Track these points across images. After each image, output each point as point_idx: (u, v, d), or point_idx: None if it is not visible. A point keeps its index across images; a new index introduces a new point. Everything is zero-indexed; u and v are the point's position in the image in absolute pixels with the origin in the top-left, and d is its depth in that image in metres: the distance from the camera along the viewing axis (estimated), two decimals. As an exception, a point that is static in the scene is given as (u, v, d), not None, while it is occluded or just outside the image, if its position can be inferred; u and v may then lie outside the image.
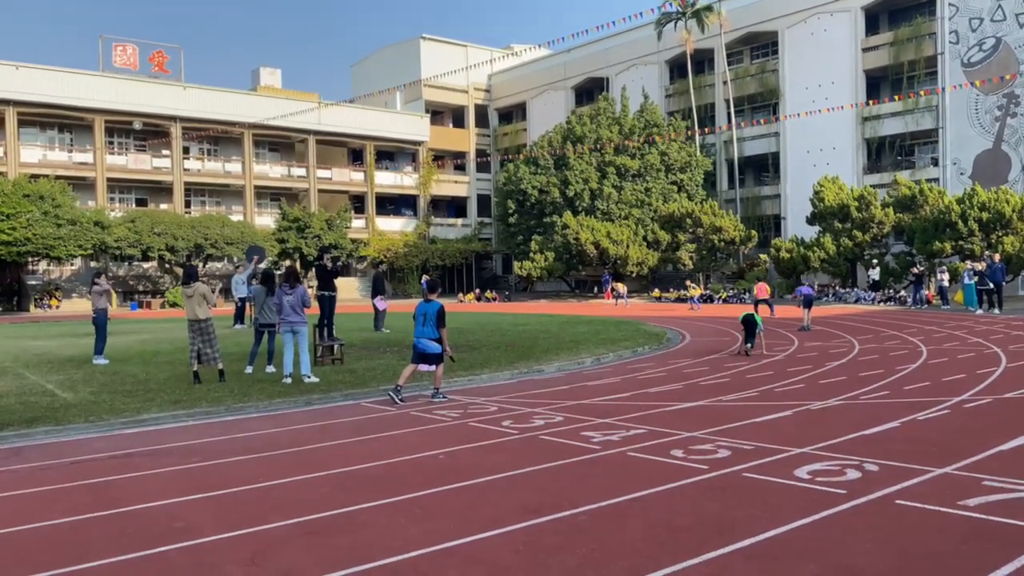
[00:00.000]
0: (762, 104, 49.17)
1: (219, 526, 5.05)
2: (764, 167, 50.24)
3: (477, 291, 52.00)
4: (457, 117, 64.93)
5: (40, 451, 7.59)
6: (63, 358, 15.69)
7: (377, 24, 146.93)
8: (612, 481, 5.99)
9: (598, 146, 47.42)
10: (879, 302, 32.91)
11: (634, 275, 45.73)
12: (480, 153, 63.87)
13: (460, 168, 63.79)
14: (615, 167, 47.86)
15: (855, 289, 36.51)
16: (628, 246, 45.07)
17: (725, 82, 48.70)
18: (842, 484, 5.68)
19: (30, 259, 42.35)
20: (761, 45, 49.65)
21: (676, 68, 53.21)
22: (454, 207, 64.41)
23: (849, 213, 36.69)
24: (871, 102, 41.93)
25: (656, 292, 43.90)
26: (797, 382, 11.13)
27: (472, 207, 63.49)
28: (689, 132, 48.00)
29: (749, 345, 14.54)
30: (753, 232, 43.98)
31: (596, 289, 48.86)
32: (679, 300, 39.61)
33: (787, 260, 38.90)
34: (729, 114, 48.44)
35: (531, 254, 48.85)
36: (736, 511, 5.14)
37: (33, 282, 44.71)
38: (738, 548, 4.43)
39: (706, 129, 49.43)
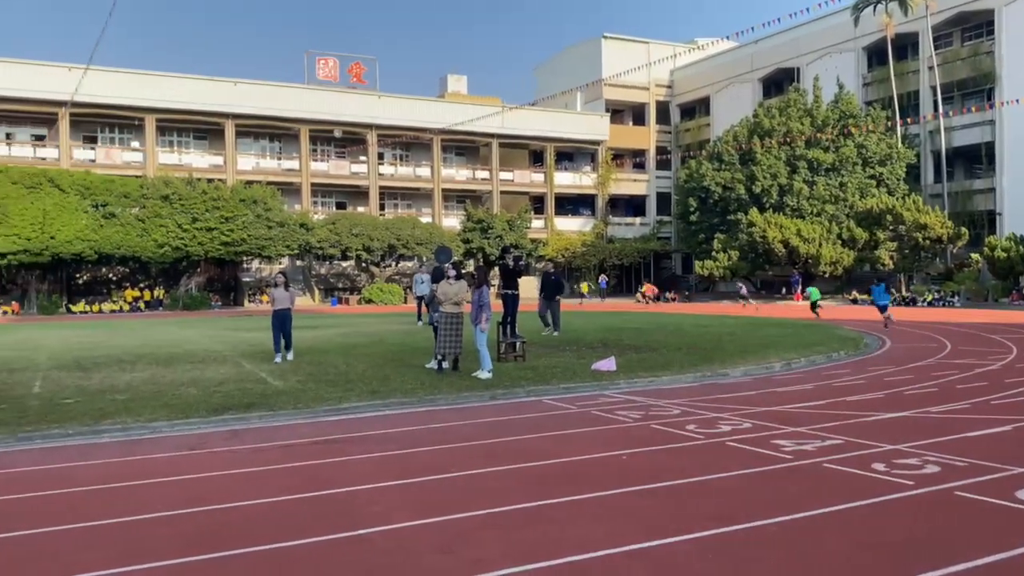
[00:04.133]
0: (975, 90, 44.92)
1: (414, 513, 5.30)
2: (976, 158, 45.85)
3: (656, 290, 51.25)
4: (637, 115, 64.30)
5: (255, 434, 8.31)
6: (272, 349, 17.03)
7: (560, 26, 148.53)
8: (807, 493, 5.69)
9: (788, 140, 45.29)
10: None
11: (827, 275, 43.25)
12: (660, 150, 62.91)
13: (639, 166, 63.15)
14: (806, 161, 45.52)
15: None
16: (820, 244, 42.72)
17: (931, 67, 44.93)
18: (1078, 511, 5.06)
19: (245, 258, 46.63)
20: (974, 26, 45.37)
21: (875, 55, 49.76)
22: (632, 206, 63.86)
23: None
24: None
25: (853, 294, 41.20)
26: (1017, 394, 10.06)
27: (651, 206, 62.67)
28: (889, 122, 44.72)
29: None
30: (963, 230, 40.27)
31: (784, 290, 46.66)
32: (853, 302, 37.48)
33: (1003, 260, 35.27)
34: (936, 102, 44.64)
35: (713, 253, 47.53)
36: (948, 533, 4.72)
37: (247, 279, 49.18)
38: (953, 573, 4.07)
39: (908, 119, 45.79)
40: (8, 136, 46.57)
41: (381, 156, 54.37)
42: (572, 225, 59.01)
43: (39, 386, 11.52)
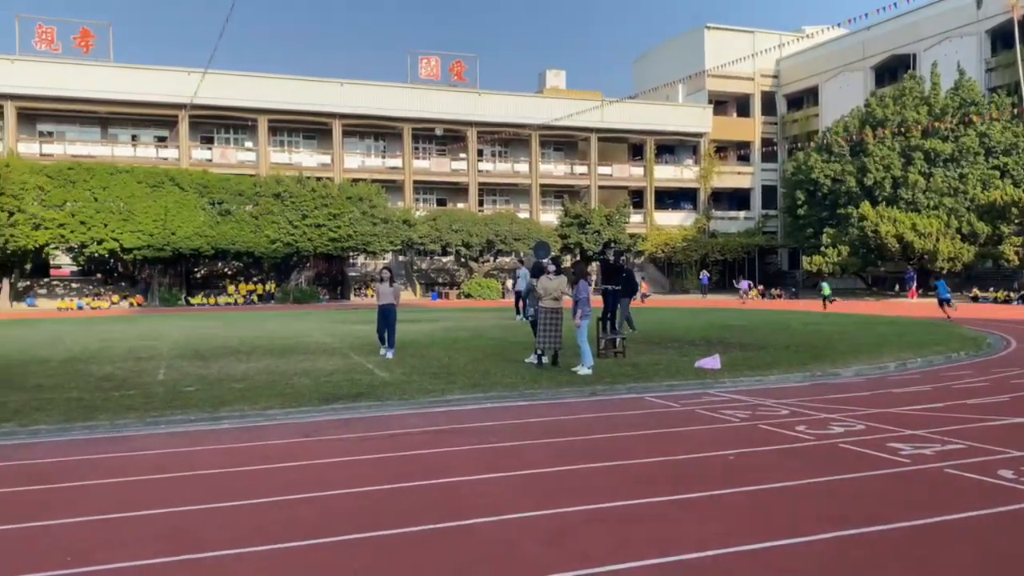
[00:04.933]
0: (1113, 72, 41.58)
1: (518, 505, 5.35)
2: (1116, 146, 42.46)
3: (761, 287, 49.85)
4: (741, 106, 62.60)
5: (364, 423, 8.57)
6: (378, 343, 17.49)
7: (661, 18, 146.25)
8: (927, 498, 5.43)
9: (902, 130, 43.17)
10: None
11: (944, 272, 41.02)
12: (766, 142, 61.05)
13: (744, 159, 61.50)
14: (923, 152, 43.27)
15: None
16: (938, 239, 40.57)
17: (1064, 49, 41.86)
18: None
19: (351, 253, 48.09)
20: (1114, 2, 41.97)
21: (1000, 38, 46.74)
22: (736, 199, 62.27)
23: None
24: None
25: (974, 292, 38.92)
26: None
27: (756, 199, 60.96)
28: (1016, 110, 41.95)
29: None
30: (1100, 223, 37.43)
31: (897, 287, 44.54)
32: (974, 300, 35.48)
33: None
34: (1070, 86, 41.58)
35: (822, 248, 45.84)
36: (1090, 548, 4.41)
37: (353, 274, 50.69)
38: (1095, 591, 3.80)
39: (1038, 105, 42.85)
40: (134, 138, 49.56)
41: (480, 153, 54.95)
42: (672, 219, 58.06)
43: (163, 374, 12.23)
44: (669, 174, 59.09)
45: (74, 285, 45.55)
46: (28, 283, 44.23)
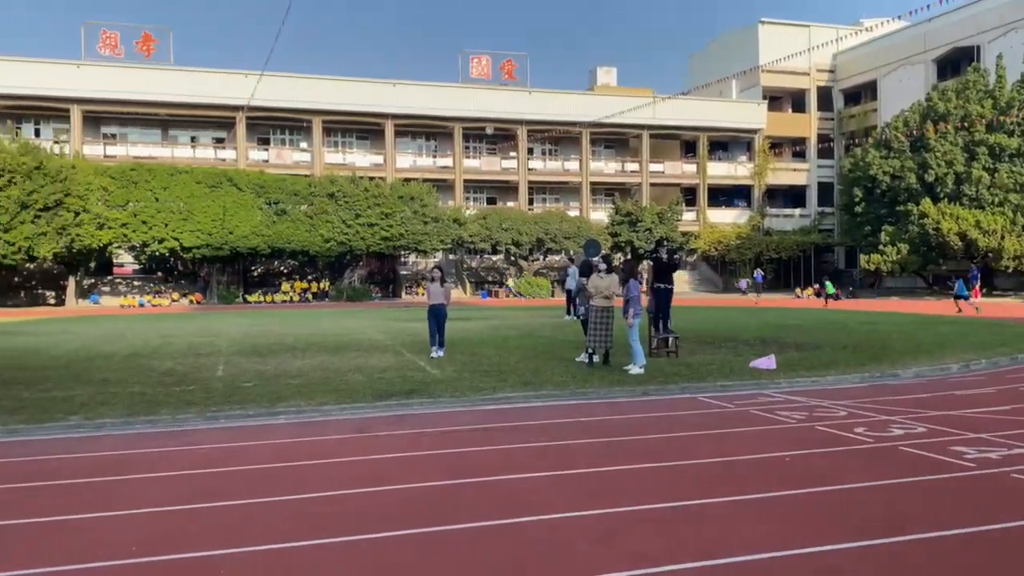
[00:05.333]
0: None
1: (569, 504, 5.35)
2: None
3: (816, 286, 48.87)
4: (797, 101, 61.42)
5: (417, 420, 8.65)
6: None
7: (714, 14, 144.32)
8: (993, 505, 5.26)
9: (965, 124, 41.87)
10: None
11: (1010, 271, 39.71)
12: (822, 138, 59.81)
13: (799, 155, 60.31)
14: (987, 147, 41.91)
15: None
16: (1003, 237, 39.28)
17: None
18: None
19: (402, 252, 48.60)
20: None
21: (1072, 27, 44.98)
22: (791, 197, 61.12)
23: None
24: None
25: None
26: None
27: (811, 196, 59.76)
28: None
29: None
30: None
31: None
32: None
33: None
34: None
35: (880, 246, 44.77)
36: None
37: (404, 272, 51.20)
38: None
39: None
40: (193, 139, 50.85)
41: (531, 151, 54.97)
42: (726, 217, 57.27)
43: (222, 370, 12.52)
44: (722, 171, 58.30)
45: (136, 283, 46.94)
46: (92, 281, 45.73)
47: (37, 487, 6.03)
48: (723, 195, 59.58)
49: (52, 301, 43.34)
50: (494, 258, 52.85)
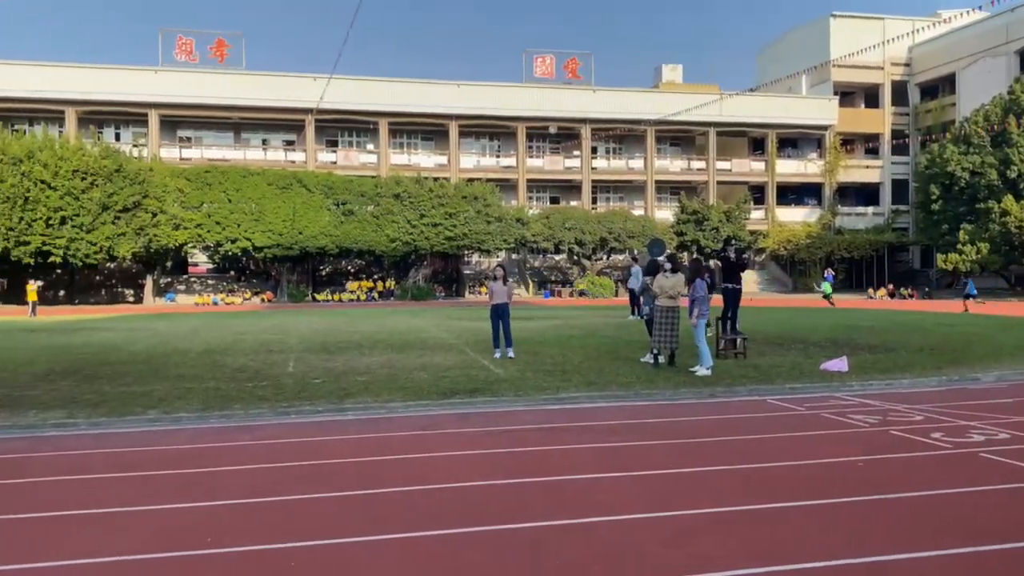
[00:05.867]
0: None
1: (636, 505, 5.31)
2: None
3: (891, 286, 47.38)
4: (870, 96, 59.59)
5: (482, 418, 8.71)
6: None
7: (783, 9, 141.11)
8: (1083, 516, 5.02)
9: (1051, 118, 39.99)
10: None
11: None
12: (896, 134, 57.89)
13: (872, 152, 58.56)
14: (1075, 141, 39.96)
15: None
16: (1091, 236, 37.37)
17: None
18: None
19: (466, 251, 48.95)
20: None
21: None
22: (864, 194, 59.35)
23: None
24: None
25: None
26: None
27: (885, 194, 57.93)
28: None
29: None
30: None
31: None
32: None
33: None
34: None
35: (959, 245, 43.08)
36: None
37: (468, 271, 51.56)
38: None
39: None
40: (264, 142, 52.19)
41: (594, 150, 54.71)
42: (795, 216, 55.96)
43: (292, 366, 12.82)
44: (792, 168, 57.01)
45: (210, 281, 48.42)
46: (169, 280, 47.36)
47: (118, 478, 6.28)
48: (792, 193, 58.24)
49: (131, 299, 45.09)
50: (557, 257, 52.78)
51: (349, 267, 49.88)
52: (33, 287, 32.72)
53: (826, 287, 34.43)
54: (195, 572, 4.26)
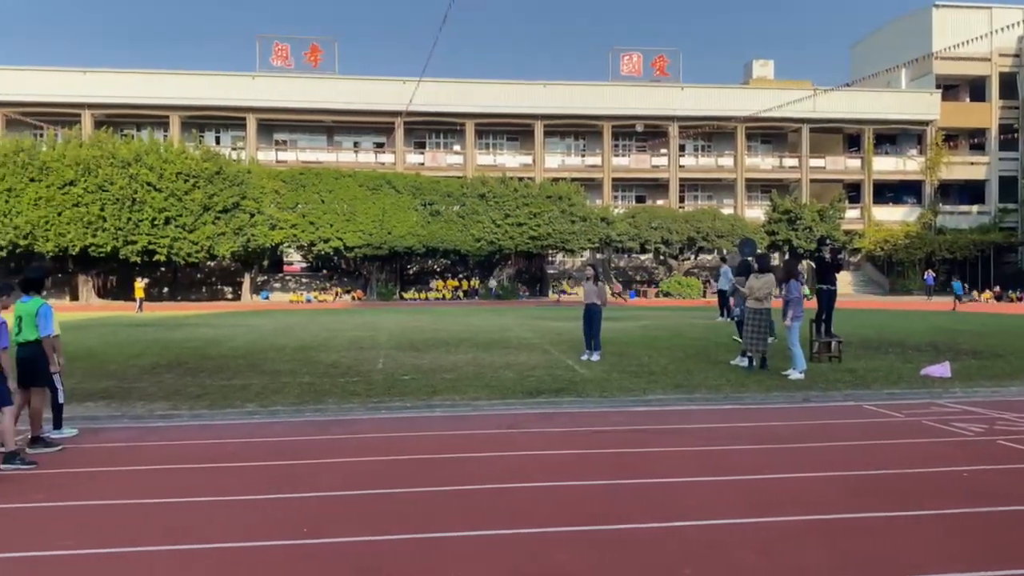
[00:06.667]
0: None
1: (728, 510, 5.21)
2: None
3: (997, 289, 44.97)
4: (975, 90, 56.70)
5: (566, 418, 8.70)
6: (576, 339, 17.68)
7: (880, 1, 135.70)
8: None
9: None
10: None
11: None
12: (1005, 129, 54.90)
13: (978, 147, 55.72)
14: None
15: None
16: None
17: None
18: None
19: (549, 251, 48.99)
20: None
21: None
22: (968, 192, 56.54)
23: None
24: None
25: None
26: None
27: (992, 191, 55.04)
28: None
29: None
30: None
31: None
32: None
33: None
34: None
35: (1074, 246, 40.54)
36: None
37: (551, 271, 51.58)
38: None
39: None
40: (355, 145, 53.53)
41: (682, 148, 53.91)
42: (893, 215, 53.80)
43: (382, 363, 13.11)
44: (890, 166, 54.82)
45: (303, 280, 50.01)
46: (265, 278, 49.14)
47: (217, 468, 6.56)
48: (890, 191, 55.99)
49: (229, 296, 46.99)
50: (643, 257, 52.24)
51: (435, 266, 50.65)
52: (140, 284, 34.47)
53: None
54: (293, 561, 4.41)
